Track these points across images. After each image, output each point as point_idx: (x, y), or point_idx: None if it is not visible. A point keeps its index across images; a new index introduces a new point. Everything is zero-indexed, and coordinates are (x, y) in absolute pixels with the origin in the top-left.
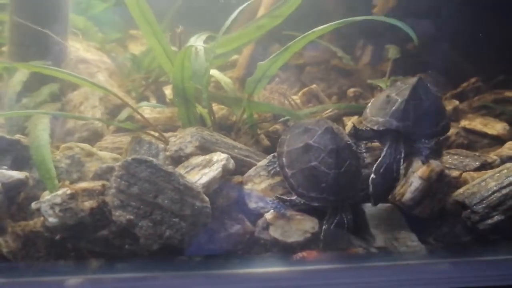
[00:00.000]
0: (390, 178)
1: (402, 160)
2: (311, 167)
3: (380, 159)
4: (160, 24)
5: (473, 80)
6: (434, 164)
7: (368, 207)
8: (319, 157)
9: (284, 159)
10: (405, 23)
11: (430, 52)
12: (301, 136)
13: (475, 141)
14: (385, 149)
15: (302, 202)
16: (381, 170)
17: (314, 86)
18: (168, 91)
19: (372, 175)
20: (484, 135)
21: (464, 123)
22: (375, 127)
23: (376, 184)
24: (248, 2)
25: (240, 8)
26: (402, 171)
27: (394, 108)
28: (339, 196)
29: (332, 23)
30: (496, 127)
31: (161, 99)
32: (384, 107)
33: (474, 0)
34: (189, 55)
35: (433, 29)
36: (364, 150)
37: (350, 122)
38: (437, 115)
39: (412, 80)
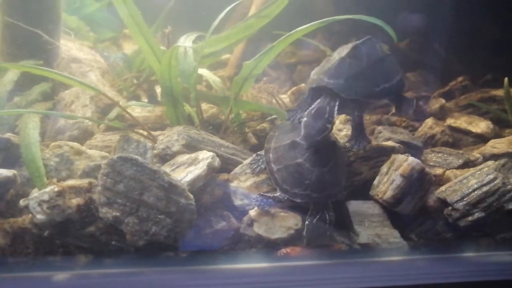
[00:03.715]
0: (322, 118)
1: (336, 107)
2: (296, 164)
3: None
4: (151, 24)
5: (460, 79)
6: (415, 162)
7: (351, 204)
8: (305, 155)
9: (271, 154)
10: (397, 21)
11: (421, 50)
12: (288, 134)
13: (460, 139)
14: (320, 98)
15: (285, 198)
16: (313, 112)
17: (303, 85)
18: (159, 90)
19: (304, 118)
20: (468, 133)
21: (449, 121)
22: (309, 86)
23: (308, 125)
24: (236, 3)
25: (228, 8)
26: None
27: (328, 66)
28: (322, 194)
29: (314, 22)
30: (480, 126)
31: (152, 98)
32: (323, 65)
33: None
34: (176, 54)
35: (424, 27)
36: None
37: None
38: (383, 75)
39: (358, 41)
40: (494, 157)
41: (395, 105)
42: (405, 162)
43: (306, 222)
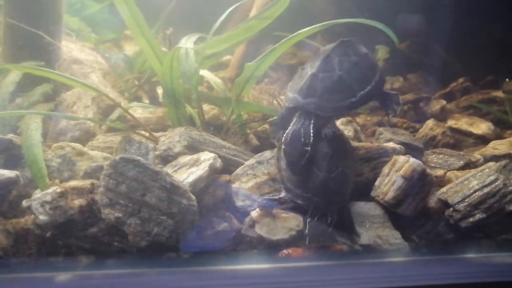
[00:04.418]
0: (299, 143)
1: (311, 126)
2: (303, 166)
3: (288, 128)
4: (153, 25)
5: (461, 80)
6: (416, 163)
7: (353, 206)
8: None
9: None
10: (397, 22)
11: (421, 51)
12: None
13: (461, 141)
14: (295, 119)
15: (289, 198)
16: (288, 138)
17: None
18: (161, 91)
19: (283, 146)
20: (469, 134)
21: (450, 122)
22: (286, 104)
23: (287, 154)
24: (237, 4)
25: (229, 10)
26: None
27: (302, 83)
28: (323, 199)
29: (315, 25)
30: (481, 127)
31: (154, 99)
32: (297, 81)
33: (465, 1)
34: (177, 55)
35: (424, 28)
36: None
37: None
38: (359, 81)
39: (329, 46)
40: (495, 158)
41: (379, 103)
42: (406, 163)
43: (308, 220)
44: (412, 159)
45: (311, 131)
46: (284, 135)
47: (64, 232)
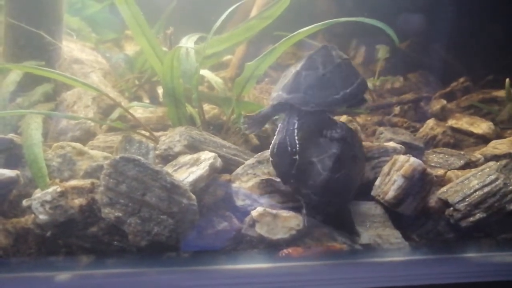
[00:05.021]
0: (286, 153)
1: (295, 131)
2: (309, 163)
3: (274, 138)
4: (153, 25)
5: (461, 79)
6: (417, 163)
7: (353, 205)
8: (320, 156)
9: None
10: (398, 22)
11: (422, 51)
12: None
13: (462, 140)
14: (279, 125)
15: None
16: (275, 150)
17: None
18: (161, 91)
19: (270, 158)
20: (470, 134)
21: (451, 122)
22: (271, 103)
23: (276, 165)
24: (237, 4)
25: (230, 9)
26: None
27: (286, 81)
28: (322, 198)
29: (316, 24)
30: (482, 126)
31: (154, 98)
32: (281, 81)
33: (466, 1)
34: (178, 55)
35: (425, 28)
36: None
37: None
38: (341, 81)
39: (313, 51)
40: (496, 158)
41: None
42: (407, 162)
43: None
44: (412, 159)
45: (296, 137)
46: (270, 147)
47: (64, 231)
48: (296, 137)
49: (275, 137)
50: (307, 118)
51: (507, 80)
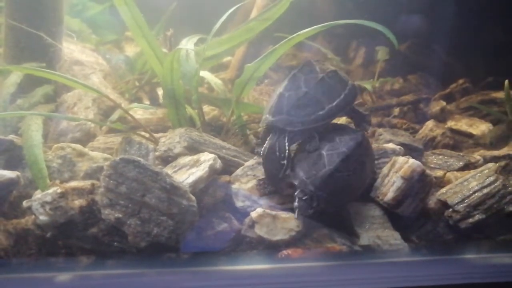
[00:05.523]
0: (274, 157)
1: (286, 139)
2: (317, 154)
3: (266, 142)
4: (153, 26)
5: (461, 81)
6: (416, 164)
7: (352, 206)
8: (330, 151)
9: None
10: (397, 23)
11: (421, 53)
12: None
13: (461, 141)
14: (271, 134)
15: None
16: (265, 153)
17: None
18: (161, 92)
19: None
20: (469, 135)
21: (450, 123)
22: (261, 124)
23: (266, 170)
24: (237, 5)
25: (230, 11)
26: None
27: (271, 103)
28: (319, 191)
29: (315, 26)
30: (481, 128)
31: (154, 100)
32: (269, 101)
33: (466, 2)
34: (177, 57)
35: (424, 29)
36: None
37: None
38: (326, 95)
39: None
40: (495, 159)
41: (352, 121)
42: (406, 164)
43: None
44: (411, 160)
45: (286, 145)
46: (262, 149)
47: (64, 232)
48: (286, 144)
49: (266, 142)
50: (296, 134)
51: (506, 81)
